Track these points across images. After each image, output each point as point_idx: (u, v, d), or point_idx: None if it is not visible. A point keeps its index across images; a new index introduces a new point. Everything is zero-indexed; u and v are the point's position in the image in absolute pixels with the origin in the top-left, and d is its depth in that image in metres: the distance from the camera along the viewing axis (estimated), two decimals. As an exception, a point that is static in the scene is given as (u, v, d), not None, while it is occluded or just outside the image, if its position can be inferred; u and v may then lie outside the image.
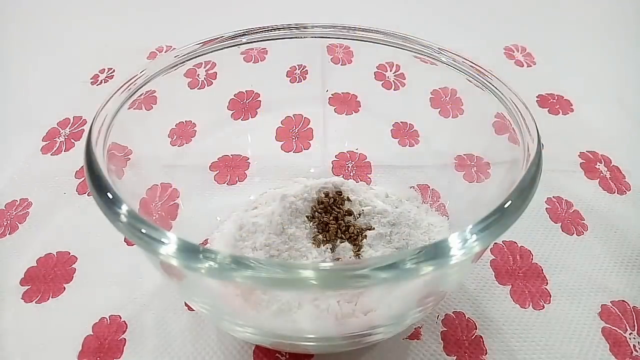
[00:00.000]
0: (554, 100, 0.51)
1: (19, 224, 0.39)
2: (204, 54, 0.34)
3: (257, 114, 0.42)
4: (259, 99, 0.43)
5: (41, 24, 0.67)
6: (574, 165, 0.44)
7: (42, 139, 0.47)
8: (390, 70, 0.41)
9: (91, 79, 0.55)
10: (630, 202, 0.41)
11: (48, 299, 0.34)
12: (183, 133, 0.37)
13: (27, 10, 0.70)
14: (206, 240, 0.36)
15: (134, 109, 0.30)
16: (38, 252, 0.37)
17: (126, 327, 0.32)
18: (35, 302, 0.34)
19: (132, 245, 0.36)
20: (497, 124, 0.30)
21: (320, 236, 0.32)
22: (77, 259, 0.36)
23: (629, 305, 0.33)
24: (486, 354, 0.31)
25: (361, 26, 0.36)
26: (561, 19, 0.67)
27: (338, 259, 0.31)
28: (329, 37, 0.37)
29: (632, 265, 0.36)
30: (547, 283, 0.35)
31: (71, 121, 0.49)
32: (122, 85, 0.30)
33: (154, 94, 0.32)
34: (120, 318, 0.33)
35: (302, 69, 0.43)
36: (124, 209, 0.22)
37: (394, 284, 0.24)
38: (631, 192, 0.42)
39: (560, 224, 0.39)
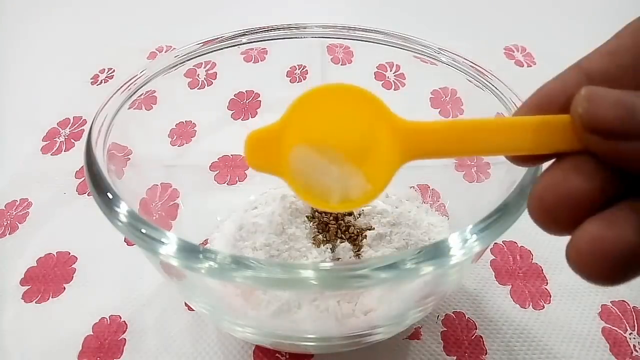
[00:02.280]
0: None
1: (19, 224, 0.39)
2: (204, 54, 0.34)
3: (257, 114, 0.42)
4: (259, 99, 0.43)
5: (41, 24, 0.67)
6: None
7: (42, 139, 0.47)
8: (390, 70, 0.41)
9: (91, 79, 0.55)
10: (630, 202, 0.41)
11: (48, 299, 0.34)
12: (183, 133, 0.37)
13: (27, 10, 0.70)
14: (206, 240, 0.36)
15: (134, 109, 0.30)
16: (38, 252, 0.37)
17: (126, 327, 0.32)
18: (35, 302, 0.34)
19: (132, 245, 0.36)
20: (497, 124, 0.30)
21: (320, 236, 0.32)
22: (77, 259, 0.36)
23: (629, 305, 0.33)
24: (486, 354, 0.31)
25: (361, 26, 0.36)
26: (561, 19, 0.67)
27: (338, 259, 0.31)
28: (329, 37, 0.37)
29: (632, 265, 0.36)
30: (547, 283, 0.35)
31: (71, 121, 0.49)
32: (122, 85, 0.30)
33: (154, 94, 0.32)
34: (120, 318, 0.33)
35: (302, 69, 0.43)
36: (124, 209, 0.22)
37: (394, 284, 0.24)
38: (631, 192, 0.42)
39: (560, 224, 0.39)
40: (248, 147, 0.19)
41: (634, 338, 0.31)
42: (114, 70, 0.56)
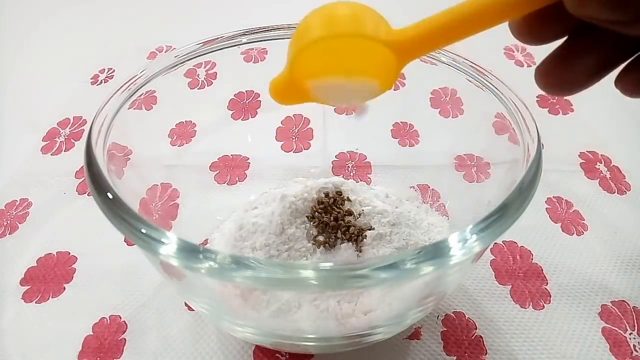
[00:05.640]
0: (554, 100, 0.51)
1: (19, 224, 0.39)
2: (204, 54, 0.34)
3: (257, 114, 0.42)
4: (259, 99, 0.43)
5: (41, 24, 0.67)
6: (574, 165, 0.44)
7: (42, 139, 0.47)
8: (390, 70, 0.41)
9: (91, 79, 0.55)
10: (630, 202, 0.41)
11: (48, 299, 0.34)
12: (183, 133, 0.37)
13: (27, 10, 0.70)
14: (206, 240, 0.36)
15: (134, 109, 0.30)
16: (38, 252, 0.37)
17: (126, 327, 0.32)
18: (35, 302, 0.34)
19: (132, 245, 0.36)
20: (497, 124, 0.30)
21: (320, 236, 0.32)
22: (77, 259, 0.36)
23: (629, 305, 0.33)
24: (486, 354, 0.31)
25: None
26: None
27: (338, 259, 0.31)
28: (329, 37, 0.37)
29: (632, 265, 0.36)
30: (547, 283, 0.35)
31: (71, 121, 0.49)
32: (122, 85, 0.30)
33: (154, 94, 0.32)
34: (120, 318, 0.33)
35: (302, 69, 0.43)
36: (123, 208, 0.22)
37: (394, 284, 0.24)
38: (631, 192, 0.42)
39: (560, 224, 0.39)
40: (272, 93, 0.22)
41: (634, 338, 0.31)
42: (114, 70, 0.56)
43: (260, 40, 0.36)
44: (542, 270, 0.35)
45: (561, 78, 0.19)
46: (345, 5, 0.20)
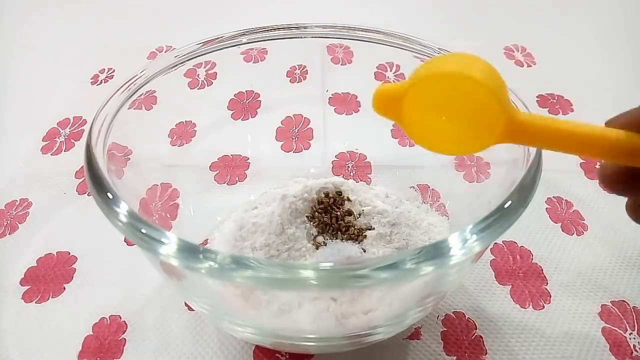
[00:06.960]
0: (554, 100, 0.51)
1: (19, 224, 0.39)
2: (204, 54, 0.34)
3: (257, 114, 0.42)
4: (259, 99, 0.43)
5: (41, 24, 0.67)
6: (574, 165, 0.44)
7: (42, 139, 0.47)
8: (390, 70, 0.41)
9: (91, 79, 0.55)
10: (630, 202, 0.41)
11: (48, 299, 0.34)
12: (183, 133, 0.37)
13: (27, 10, 0.70)
14: (206, 240, 0.36)
15: (134, 109, 0.30)
16: (38, 252, 0.37)
17: (126, 327, 0.32)
18: (35, 302, 0.34)
19: (132, 245, 0.36)
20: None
21: (320, 237, 0.32)
22: (77, 259, 0.36)
23: (629, 305, 0.33)
24: (486, 354, 0.31)
25: (361, 26, 0.36)
26: (561, 19, 0.67)
27: (338, 259, 0.31)
28: (329, 37, 0.37)
29: (632, 265, 0.36)
30: (547, 283, 0.35)
31: (71, 121, 0.49)
32: (122, 85, 0.30)
33: (154, 94, 0.32)
34: (120, 318, 0.33)
35: (302, 69, 0.43)
36: (124, 209, 0.22)
37: (394, 284, 0.24)
38: (631, 192, 0.42)
39: (560, 224, 0.39)
40: (376, 97, 0.22)
41: (634, 338, 0.31)
42: (114, 70, 0.56)
43: (260, 40, 0.36)
44: (542, 270, 0.35)
45: (621, 189, 0.23)
46: (487, 63, 0.20)
